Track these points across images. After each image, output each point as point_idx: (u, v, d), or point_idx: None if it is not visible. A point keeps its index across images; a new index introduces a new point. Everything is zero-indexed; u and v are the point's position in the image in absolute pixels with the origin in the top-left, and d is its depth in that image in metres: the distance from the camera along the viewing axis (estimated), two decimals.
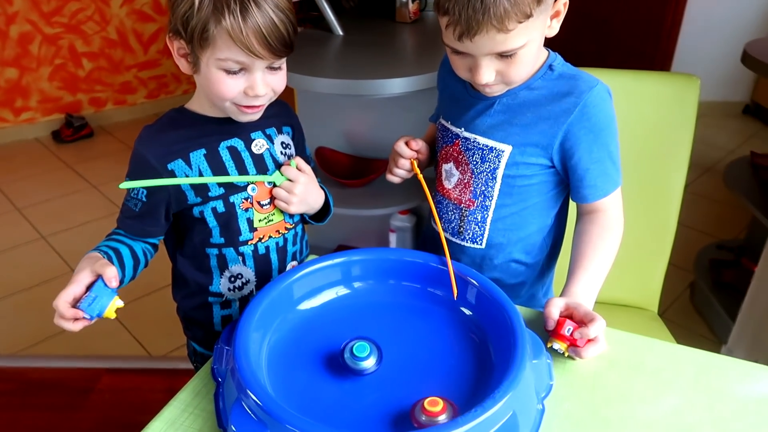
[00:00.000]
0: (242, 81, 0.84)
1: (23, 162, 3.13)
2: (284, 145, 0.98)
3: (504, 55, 0.81)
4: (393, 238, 2.01)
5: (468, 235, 1.00)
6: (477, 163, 0.95)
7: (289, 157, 0.98)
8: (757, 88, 3.45)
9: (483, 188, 0.96)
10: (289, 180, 0.94)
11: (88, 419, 1.67)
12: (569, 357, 0.79)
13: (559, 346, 0.78)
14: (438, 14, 0.82)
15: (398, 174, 1.03)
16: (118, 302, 0.77)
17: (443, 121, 1.01)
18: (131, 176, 0.89)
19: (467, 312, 0.82)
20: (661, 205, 1.31)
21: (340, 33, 1.87)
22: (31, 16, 3.16)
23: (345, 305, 0.85)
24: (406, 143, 1.01)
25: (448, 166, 0.99)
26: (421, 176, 0.98)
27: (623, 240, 1.30)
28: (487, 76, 0.83)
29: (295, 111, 1.96)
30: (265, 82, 0.86)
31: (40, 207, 2.74)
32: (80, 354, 1.91)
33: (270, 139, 0.96)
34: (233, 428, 0.64)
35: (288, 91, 1.75)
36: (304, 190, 0.95)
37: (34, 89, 3.30)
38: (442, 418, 0.65)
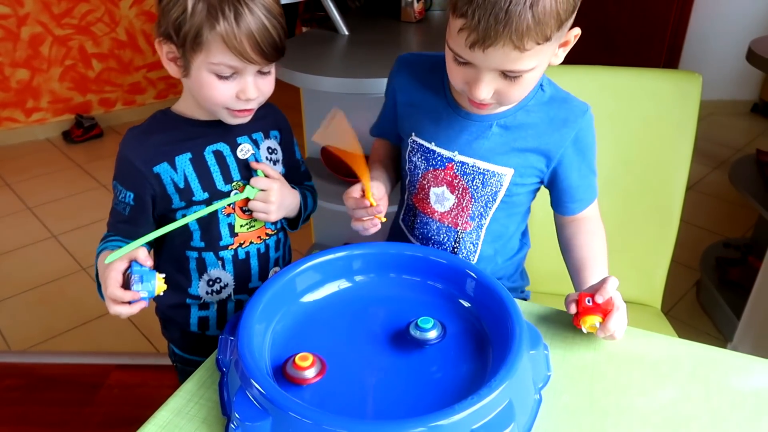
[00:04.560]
0: (233, 85, 0.85)
1: (34, 162, 3.17)
2: (270, 150, 0.98)
3: (509, 75, 0.77)
4: None
5: (462, 253, 1.01)
6: (477, 187, 0.94)
7: (275, 162, 0.98)
8: (765, 86, 3.44)
9: (481, 210, 0.96)
10: (262, 190, 0.93)
11: (97, 414, 1.70)
12: (579, 334, 0.81)
13: (591, 323, 0.78)
14: (452, 16, 0.75)
15: (366, 226, 0.92)
16: (160, 275, 0.78)
17: (421, 141, 0.95)
18: (118, 179, 0.91)
19: (466, 304, 0.84)
20: (664, 203, 1.32)
21: (346, 33, 1.88)
22: (42, 18, 3.20)
23: (346, 298, 0.86)
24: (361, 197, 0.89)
25: (439, 191, 0.96)
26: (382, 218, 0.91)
27: (627, 237, 1.32)
28: (485, 92, 0.79)
29: (301, 110, 1.98)
30: (256, 86, 0.86)
31: (51, 206, 2.77)
32: (90, 350, 1.94)
33: (256, 144, 0.96)
34: (236, 415, 0.66)
35: (294, 90, 1.77)
36: (279, 196, 0.94)
37: (45, 90, 3.34)
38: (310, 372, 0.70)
